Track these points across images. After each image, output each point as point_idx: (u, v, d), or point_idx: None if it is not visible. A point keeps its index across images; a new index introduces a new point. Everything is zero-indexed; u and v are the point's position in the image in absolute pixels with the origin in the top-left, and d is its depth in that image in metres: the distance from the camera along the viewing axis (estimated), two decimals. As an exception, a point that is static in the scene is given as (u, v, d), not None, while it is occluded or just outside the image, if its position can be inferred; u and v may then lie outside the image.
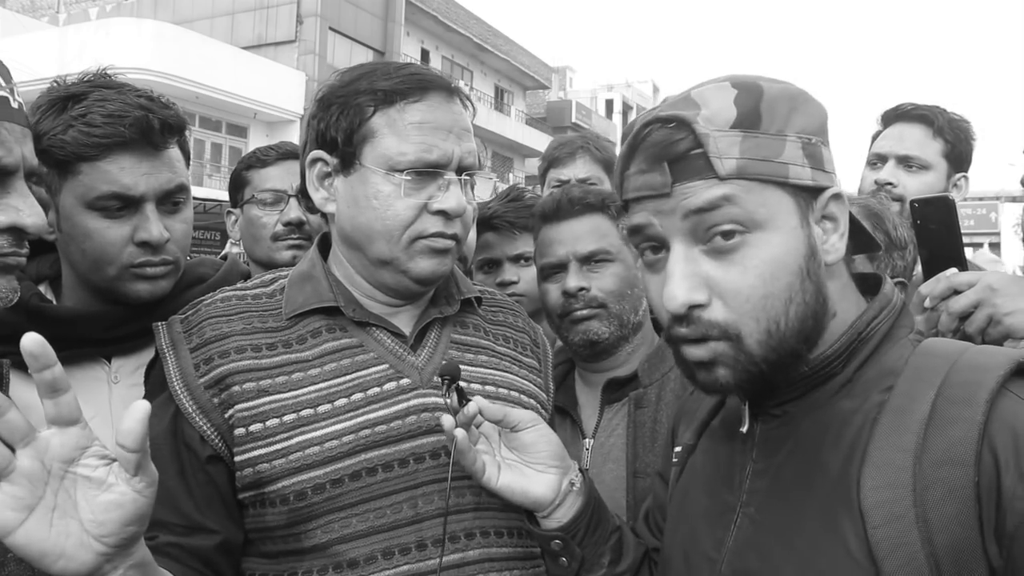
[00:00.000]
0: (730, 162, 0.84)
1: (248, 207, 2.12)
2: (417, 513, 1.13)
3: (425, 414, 1.17)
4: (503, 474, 1.10)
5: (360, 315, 1.22)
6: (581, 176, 2.58)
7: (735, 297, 0.85)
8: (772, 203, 0.86)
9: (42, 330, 1.31)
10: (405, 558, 1.11)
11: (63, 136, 1.27)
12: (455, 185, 1.18)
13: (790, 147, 0.86)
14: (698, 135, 0.84)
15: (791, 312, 0.85)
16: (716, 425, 1.07)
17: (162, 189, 1.35)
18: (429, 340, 1.26)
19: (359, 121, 1.17)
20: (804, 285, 0.86)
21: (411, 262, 1.19)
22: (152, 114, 1.32)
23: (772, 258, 0.85)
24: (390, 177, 1.16)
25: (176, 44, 17.47)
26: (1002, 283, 1.25)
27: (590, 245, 1.63)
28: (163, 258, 1.36)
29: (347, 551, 1.10)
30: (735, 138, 0.85)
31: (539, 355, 1.43)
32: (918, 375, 0.85)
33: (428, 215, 1.17)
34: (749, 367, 0.86)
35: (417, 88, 1.17)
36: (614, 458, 1.60)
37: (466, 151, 1.20)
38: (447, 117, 1.18)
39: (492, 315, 1.39)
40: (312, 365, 1.17)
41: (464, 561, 1.14)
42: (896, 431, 0.82)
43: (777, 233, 0.85)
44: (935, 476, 0.77)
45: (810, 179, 0.87)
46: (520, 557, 1.20)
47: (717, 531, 0.95)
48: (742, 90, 0.87)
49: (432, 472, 1.14)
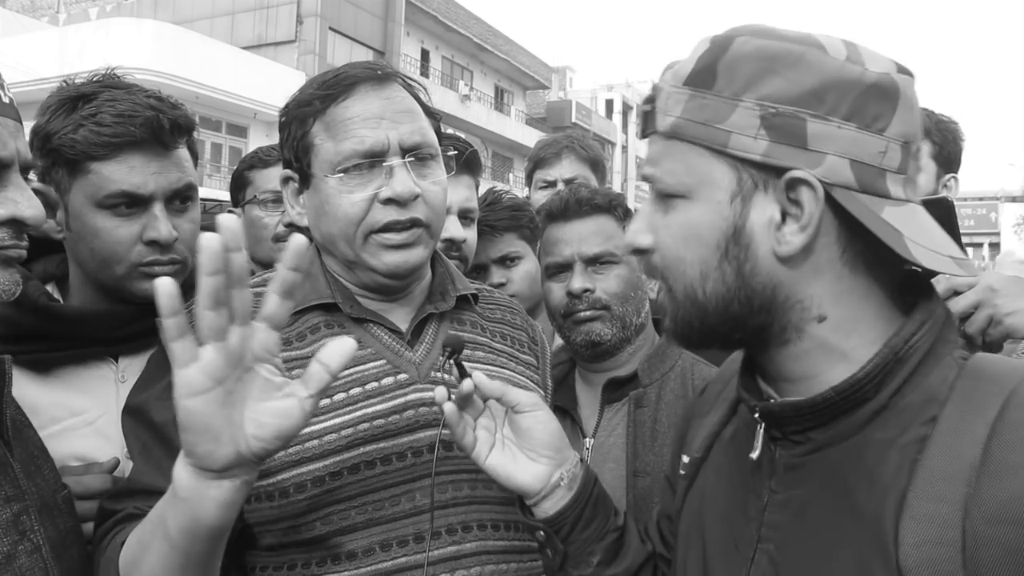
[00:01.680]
0: (668, 119, 0.82)
1: (249, 207, 2.12)
2: (415, 506, 1.14)
3: (423, 408, 1.17)
4: (494, 454, 1.09)
5: (357, 311, 1.23)
6: (567, 176, 2.58)
7: (663, 250, 0.86)
8: (701, 171, 0.81)
9: (49, 329, 1.33)
10: (403, 550, 1.12)
11: (73, 135, 1.29)
12: (400, 169, 1.17)
13: (741, 113, 0.78)
14: (655, 88, 0.85)
15: (708, 288, 0.82)
16: (727, 439, 1.00)
17: (171, 188, 1.36)
18: (426, 336, 1.27)
19: (302, 134, 1.20)
20: (722, 265, 0.81)
21: (373, 259, 1.19)
22: (162, 114, 1.33)
23: (687, 224, 0.82)
24: (334, 179, 1.17)
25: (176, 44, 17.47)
26: (1002, 284, 1.26)
27: (596, 247, 1.64)
28: (171, 257, 1.37)
29: (346, 543, 1.11)
30: (682, 96, 0.81)
31: (537, 352, 1.43)
32: (968, 406, 0.74)
33: (379, 206, 1.17)
34: (678, 317, 0.87)
35: (343, 87, 1.18)
36: (614, 457, 1.60)
37: (405, 133, 1.18)
38: (376, 104, 1.18)
39: (490, 312, 1.39)
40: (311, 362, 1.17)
41: (460, 553, 1.14)
42: (942, 478, 0.71)
43: (698, 205, 0.81)
44: (989, 534, 0.67)
45: (760, 153, 0.77)
46: (517, 551, 1.20)
47: (733, 567, 0.88)
48: (713, 45, 0.81)
49: (430, 466, 1.15)
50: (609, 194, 1.71)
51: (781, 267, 0.80)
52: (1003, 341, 1.25)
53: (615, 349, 1.67)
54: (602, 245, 1.64)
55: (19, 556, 0.99)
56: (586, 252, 1.63)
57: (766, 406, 0.86)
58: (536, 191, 2.66)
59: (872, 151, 0.77)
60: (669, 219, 0.84)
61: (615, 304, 1.63)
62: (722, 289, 0.81)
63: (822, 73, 0.77)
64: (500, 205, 2.09)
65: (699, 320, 0.84)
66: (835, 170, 0.77)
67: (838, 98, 0.76)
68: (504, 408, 1.11)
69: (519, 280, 2.04)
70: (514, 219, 2.07)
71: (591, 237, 1.64)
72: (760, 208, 0.79)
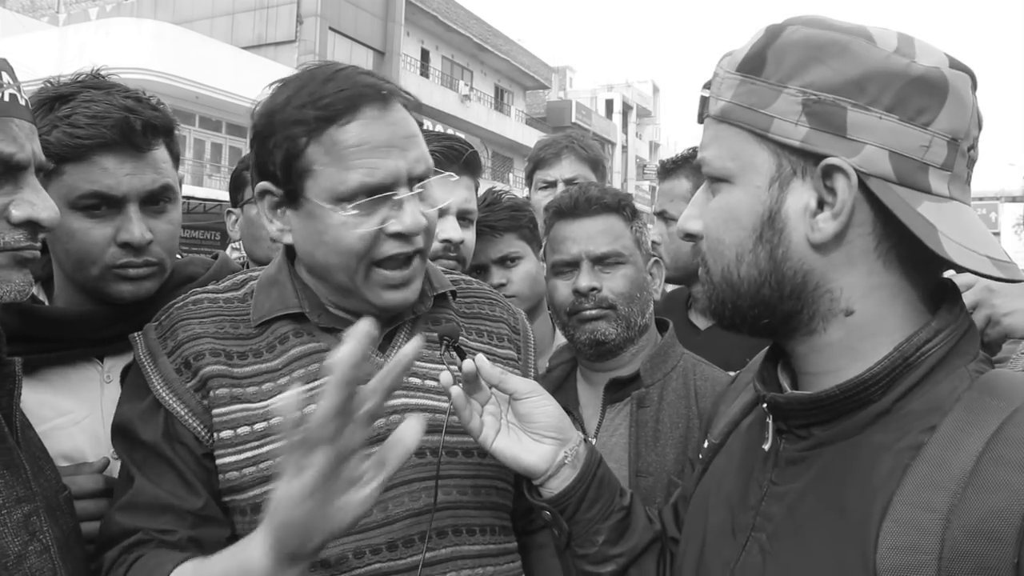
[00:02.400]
0: (719, 103, 0.85)
1: (248, 207, 2.12)
2: (387, 516, 1.12)
3: (394, 416, 1.15)
4: (500, 438, 1.11)
5: (325, 321, 1.20)
6: (567, 176, 2.59)
7: (705, 231, 0.89)
8: (745, 155, 0.82)
9: (34, 330, 1.33)
10: (376, 557, 1.10)
11: (48, 137, 1.28)
12: (409, 202, 1.12)
13: (784, 100, 0.78)
14: (713, 73, 0.87)
15: (742, 270, 0.84)
16: (744, 428, 1.02)
17: (145, 190, 1.35)
18: (398, 341, 1.23)
19: (294, 153, 1.11)
20: (756, 248, 0.82)
21: (371, 293, 1.15)
22: (135, 115, 1.32)
23: (728, 207, 0.84)
24: (337, 209, 1.10)
25: (176, 44, 17.46)
26: (1000, 284, 1.25)
27: (604, 246, 1.63)
28: (146, 259, 1.36)
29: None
30: (734, 81, 0.83)
31: (518, 343, 1.39)
32: (968, 418, 0.73)
33: (386, 238, 1.12)
34: (713, 296, 0.89)
35: (346, 108, 1.09)
36: (616, 457, 1.60)
37: (414, 160, 1.13)
38: (384, 131, 1.10)
39: (467, 307, 1.35)
40: (281, 374, 1.16)
41: (435, 559, 1.13)
42: (929, 486, 0.71)
43: (738, 189, 0.83)
44: (966, 548, 0.67)
45: (799, 139, 0.78)
46: (492, 554, 1.20)
47: (726, 551, 0.91)
48: (766, 33, 0.83)
49: (403, 474, 1.13)
50: (618, 194, 1.71)
51: (814, 254, 0.80)
52: (1002, 341, 1.24)
53: (618, 349, 1.66)
54: (610, 244, 1.64)
55: (29, 556, 1.00)
56: (593, 251, 1.63)
57: (773, 397, 0.87)
58: (536, 191, 2.66)
59: (914, 144, 0.76)
60: (713, 203, 0.87)
61: (621, 304, 1.63)
62: (754, 272, 0.83)
63: (866, 63, 0.76)
64: (500, 205, 2.09)
65: (732, 302, 0.86)
66: (872, 160, 0.76)
67: (880, 89, 0.76)
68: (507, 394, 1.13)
69: (519, 280, 2.04)
70: (514, 219, 2.07)
71: (599, 236, 1.64)
72: (797, 194, 0.80)
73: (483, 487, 1.21)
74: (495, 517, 1.22)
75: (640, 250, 1.69)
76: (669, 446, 1.56)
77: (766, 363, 0.95)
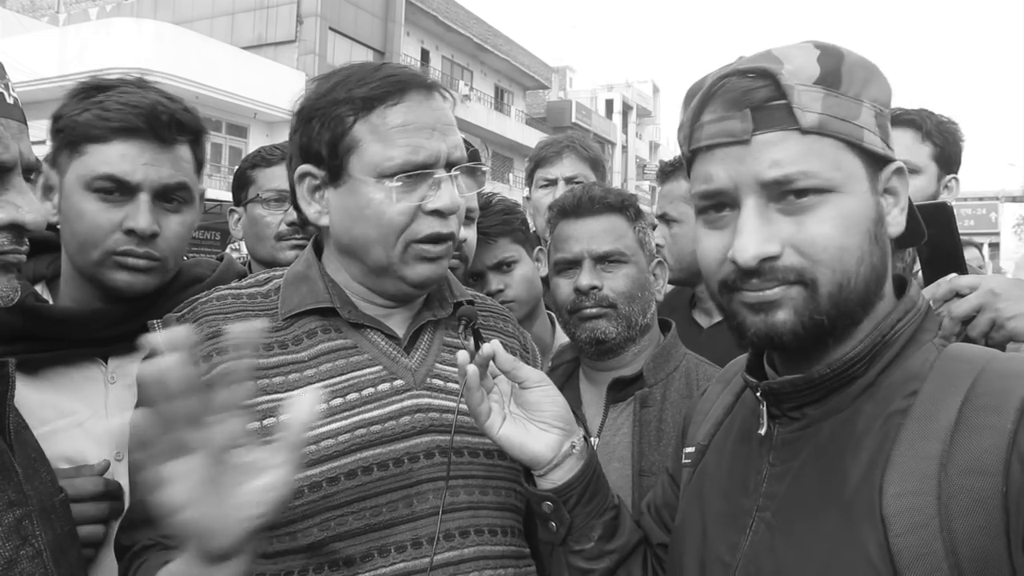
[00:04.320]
0: (812, 116, 0.85)
1: (252, 206, 2.12)
2: (412, 512, 1.13)
3: (419, 414, 1.18)
4: (505, 425, 1.11)
5: (355, 317, 1.23)
6: (568, 175, 2.61)
7: (812, 246, 0.84)
8: (846, 165, 0.86)
9: (38, 330, 1.33)
10: (401, 555, 1.11)
11: (77, 117, 1.32)
12: (447, 183, 1.18)
13: (866, 112, 0.87)
14: (782, 86, 0.85)
15: (862, 272, 0.86)
16: (730, 425, 1.06)
17: (160, 182, 1.35)
18: (422, 343, 1.27)
19: (341, 132, 1.16)
20: (872, 248, 0.87)
21: (407, 267, 1.19)
22: (163, 108, 1.34)
23: (847, 213, 0.86)
24: (380, 184, 1.15)
25: (176, 44, 17.48)
26: (1004, 287, 1.25)
27: (606, 245, 1.64)
28: (147, 251, 1.36)
29: (343, 548, 1.11)
30: (817, 94, 0.85)
31: (528, 360, 1.44)
32: (944, 380, 0.83)
33: (423, 216, 1.17)
34: (815, 315, 0.85)
35: (395, 90, 1.16)
36: (619, 457, 1.60)
37: (452, 146, 1.19)
38: (429, 115, 1.18)
39: (483, 320, 1.39)
40: (308, 366, 1.18)
41: (460, 559, 1.14)
42: (921, 437, 0.80)
43: (850, 196, 0.86)
44: (961, 485, 0.75)
45: (881, 147, 0.88)
46: (514, 556, 1.21)
47: (732, 535, 0.93)
48: (824, 51, 0.88)
49: (427, 471, 1.15)
50: (622, 194, 1.72)
51: (889, 245, 0.91)
52: (1005, 345, 1.24)
53: (619, 348, 1.67)
54: (612, 244, 1.64)
55: (21, 561, 0.98)
56: (596, 250, 1.64)
57: (768, 384, 0.93)
58: (537, 189, 2.69)
59: None
60: (822, 214, 0.85)
61: (621, 303, 1.63)
62: (870, 271, 0.87)
63: (889, 84, 0.92)
64: (492, 210, 2.08)
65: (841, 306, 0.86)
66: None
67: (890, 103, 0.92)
68: (510, 385, 1.14)
69: (517, 284, 2.04)
70: (507, 223, 2.07)
71: (602, 235, 1.65)
72: (880, 195, 0.90)
73: (503, 488, 1.23)
74: (514, 520, 1.24)
75: (643, 250, 1.69)
76: (672, 445, 1.57)
77: (752, 360, 1.01)
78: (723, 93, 0.87)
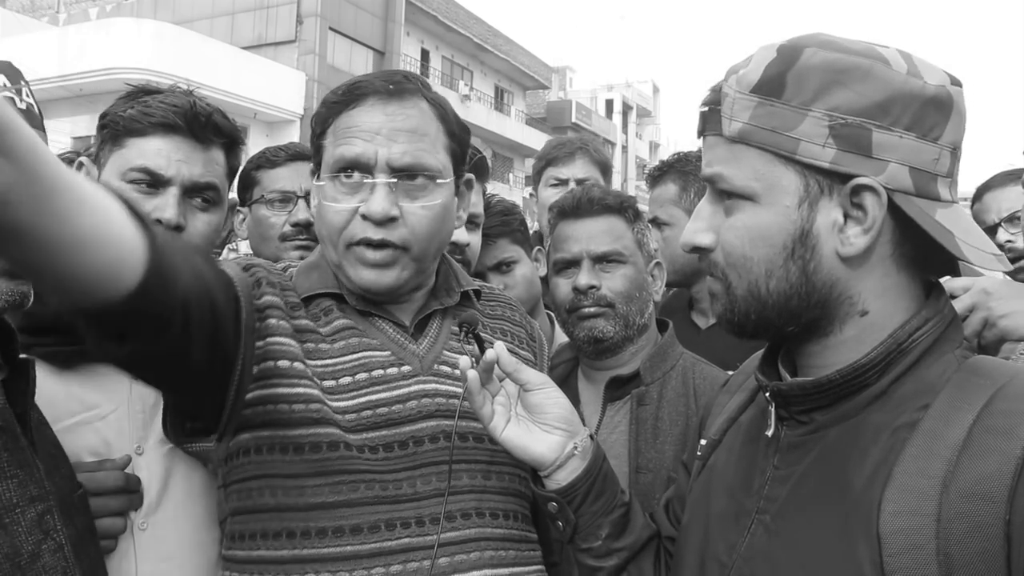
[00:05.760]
0: (736, 124, 0.86)
1: (256, 207, 2.13)
2: (416, 492, 1.16)
3: (425, 399, 1.20)
4: (509, 427, 1.14)
5: (363, 305, 1.26)
6: (579, 176, 2.62)
7: (723, 249, 0.90)
8: (770, 177, 0.85)
9: (66, 323, 1.34)
10: (406, 531, 1.14)
11: (122, 114, 1.39)
12: (380, 188, 1.18)
13: (810, 123, 0.82)
14: (721, 92, 0.89)
15: (771, 285, 0.87)
16: (743, 422, 1.06)
17: (191, 180, 1.40)
18: (430, 330, 1.30)
19: (319, 134, 1.26)
20: (787, 264, 0.86)
21: (351, 269, 1.22)
22: (202, 110, 1.41)
23: (755, 226, 0.87)
24: (328, 183, 1.22)
25: (176, 44, 17.45)
26: (996, 287, 1.27)
27: (604, 245, 1.67)
28: None
29: (351, 516, 1.12)
30: (749, 102, 0.85)
31: (535, 349, 1.47)
32: (959, 396, 0.79)
33: (358, 219, 1.20)
34: (729, 313, 0.92)
35: (356, 96, 1.22)
36: (616, 454, 1.62)
37: (397, 153, 1.18)
38: (377, 118, 1.19)
39: (491, 309, 1.43)
40: (324, 340, 1.22)
41: (462, 539, 1.17)
42: (926, 455, 0.77)
43: (766, 209, 0.86)
44: (962, 509, 0.72)
45: (827, 161, 0.82)
46: (515, 539, 1.23)
47: (731, 535, 0.94)
48: (780, 55, 0.85)
49: (431, 455, 1.18)
50: (621, 195, 1.75)
51: (841, 266, 0.86)
52: (998, 344, 1.26)
53: (617, 347, 1.69)
54: (610, 244, 1.67)
55: (43, 555, 1.00)
56: (594, 250, 1.67)
57: (776, 385, 0.92)
58: (546, 188, 2.69)
59: (928, 158, 0.83)
60: (734, 220, 0.89)
61: (619, 302, 1.66)
62: (785, 286, 0.87)
63: (888, 87, 0.82)
64: (491, 211, 2.10)
65: (757, 313, 0.89)
66: (896, 177, 0.82)
67: (902, 110, 0.82)
68: (517, 388, 1.16)
69: (516, 285, 2.06)
70: (505, 224, 2.09)
71: (600, 235, 1.67)
72: (825, 212, 0.85)
73: (506, 473, 1.25)
74: (518, 504, 1.26)
75: (641, 251, 1.72)
76: (668, 443, 1.59)
77: (765, 359, 1.00)
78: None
